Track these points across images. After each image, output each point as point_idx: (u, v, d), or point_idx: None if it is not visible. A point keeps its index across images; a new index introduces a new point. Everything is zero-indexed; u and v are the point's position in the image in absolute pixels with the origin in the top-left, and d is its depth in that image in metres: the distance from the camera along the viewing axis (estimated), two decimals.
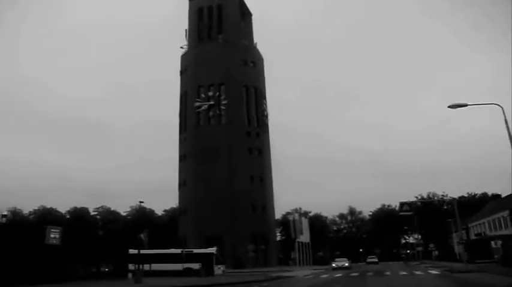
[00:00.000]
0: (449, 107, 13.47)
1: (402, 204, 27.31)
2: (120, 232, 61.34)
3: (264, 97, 49.82)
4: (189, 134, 44.92)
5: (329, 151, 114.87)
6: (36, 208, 76.39)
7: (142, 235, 20.03)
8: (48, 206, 77.79)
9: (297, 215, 47.33)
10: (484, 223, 46.08)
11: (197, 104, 45.07)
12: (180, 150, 45.81)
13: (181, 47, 52.03)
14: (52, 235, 18.21)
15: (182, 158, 44.94)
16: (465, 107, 13.54)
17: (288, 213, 47.53)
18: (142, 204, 74.48)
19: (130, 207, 74.23)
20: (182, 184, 43.52)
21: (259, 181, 42.58)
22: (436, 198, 75.06)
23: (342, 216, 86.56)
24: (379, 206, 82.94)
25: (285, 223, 58.48)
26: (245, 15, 55.45)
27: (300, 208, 66.28)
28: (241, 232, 38.50)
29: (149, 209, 74.13)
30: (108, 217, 75.17)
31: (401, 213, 28.43)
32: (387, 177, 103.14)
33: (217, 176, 40.72)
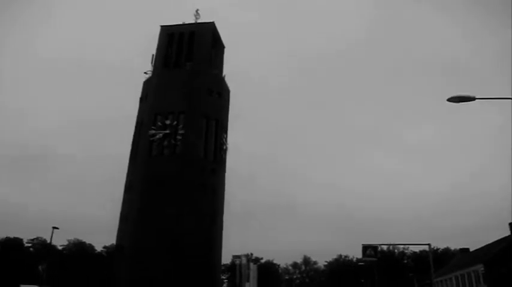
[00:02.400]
0: (449, 100, 11.53)
1: (366, 247, 24.85)
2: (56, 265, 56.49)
3: (225, 131, 47.86)
4: (138, 164, 41.94)
5: (285, 202, 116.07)
6: None
7: (40, 267, 16.83)
8: None
9: (244, 259, 44.01)
10: (451, 278, 44.15)
11: (151, 132, 42.46)
12: (126, 181, 42.60)
13: (145, 73, 49.81)
14: None
15: (127, 189, 41.57)
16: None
17: (235, 256, 44.22)
18: (79, 239, 69.98)
19: (68, 240, 68.92)
20: (123, 218, 39.89)
21: (210, 220, 39.52)
22: (396, 250, 73.80)
23: (295, 265, 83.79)
24: (335, 256, 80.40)
25: (233, 269, 54.98)
26: (218, 46, 54.36)
27: (251, 254, 62.95)
28: (182, 275, 34.94)
29: (89, 244, 69.22)
30: (43, 250, 69.21)
31: (364, 258, 26.58)
32: (346, 231, 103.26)
33: (164, 211, 37.53)
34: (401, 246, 75.28)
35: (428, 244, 31.49)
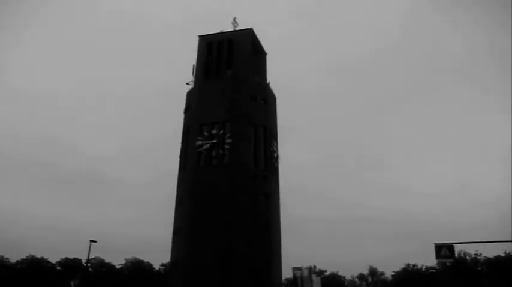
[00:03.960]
0: None
1: (439, 247, 21.56)
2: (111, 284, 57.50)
3: (275, 139, 46.62)
4: (187, 176, 41.51)
5: (347, 212, 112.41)
6: (24, 257, 72.56)
7: (72, 283, 16.10)
8: (39, 256, 73.88)
9: (306, 272, 41.83)
10: None
11: (198, 143, 41.99)
12: (177, 194, 42.35)
13: (187, 84, 49.91)
14: None
15: (179, 202, 41.21)
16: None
17: (295, 268, 42.16)
18: (138, 257, 70.95)
19: (126, 259, 69.95)
20: (176, 233, 39.45)
21: (264, 231, 38.06)
22: (468, 257, 68.49)
23: (361, 277, 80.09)
24: (403, 266, 75.92)
25: (295, 282, 52.83)
26: (258, 52, 53.60)
27: (314, 266, 60.68)
28: None
29: (147, 262, 69.87)
30: (101, 269, 70.86)
31: (439, 260, 23.65)
32: (413, 238, 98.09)
33: (216, 223, 36.57)
34: (473, 253, 70.23)
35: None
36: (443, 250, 21.50)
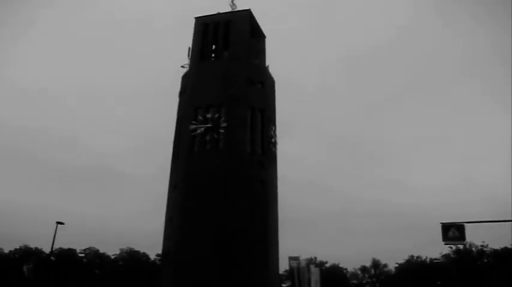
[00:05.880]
0: None
1: (447, 227, 18.61)
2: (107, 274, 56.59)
3: (274, 123, 44.95)
4: (180, 161, 39.95)
5: (348, 205, 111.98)
6: (17, 247, 71.79)
7: (25, 268, 14.58)
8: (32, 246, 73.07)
9: (303, 262, 40.15)
10: None
11: (192, 127, 40.35)
12: (170, 181, 40.85)
13: (182, 67, 48.13)
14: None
15: (172, 190, 39.68)
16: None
17: (292, 258, 40.46)
18: (133, 248, 69.94)
19: (120, 249, 68.85)
20: (168, 220, 37.98)
21: (260, 218, 36.53)
22: (474, 249, 66.88)
23: (364, 269, 78.84)
24: (406, 257, 74.58)
25: (291, 273, 51.38)
26: (257, 35, 51.71)
27: (315, 257, 59.25)
28: (234, 280, 32.22)
29: (143, 252, 68.81)
30: (95, 259, 69.81)
31: (447, 242, 19.87)
32: (414, 230, 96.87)
33: (209, 210, 35.10)
34: (479, 244, 68.74)
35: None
36: (452, 230, 18.75)
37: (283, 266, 50.87)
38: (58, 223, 33.07)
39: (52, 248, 32.33)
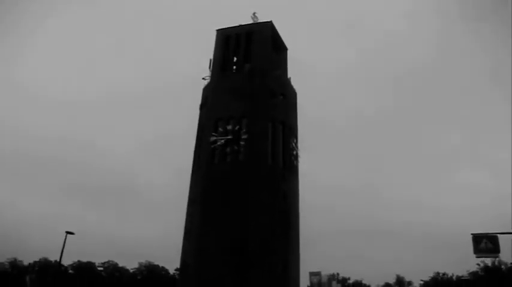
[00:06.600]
0: None
1: (479, 238, 16.80)
2: None
3: (295, 136, 44.20)
4: (200, 173, 39.40)
5: (371, 225, 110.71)
6: (37, 260, 72.08)
7: (28, 278, 13.92)
8: (52, 259, 73.28)
9: (325, 277, 38.60)
10: None
11: (213, 138, 39.89)
12: (190, 193, 40.37)
13: (203, 79, 48.05)
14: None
15: (191, 202, 39.11)
16: None
17: (313, 273, 38.94)
18: (152, 262, 69.53)
19: (139, 263, 68.41)
20: (187, 234, 37.30)
21: (282, 233, 35.46)
22: (503, 267, 63.76)
23: (387, 286, 75.99)
24: (431, 275, 71.96)
25: None
26: (279, 47, 51.39)
27: (337, 273, 57.42)
28: None
29: (162, 266, 68.15)
30: (115, 273, 69.48)
31: (479, 255, 17.91)
32: (439, 251, 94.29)
33: (229, 224, 34.27)
34: (510, 262, 65.95)
35: None
36: (484, 242, 17.15)
37: (305, 282, 49.53)
38: (68, 232, 32.60)
39: (61, 258, 31.90)
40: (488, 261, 64.91)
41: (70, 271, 69.67)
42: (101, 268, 71.76)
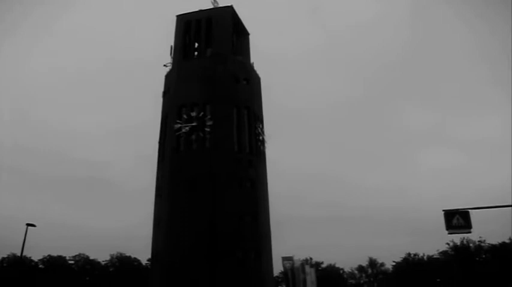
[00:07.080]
0: None
1: (450, 214, 16.22)
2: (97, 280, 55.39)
3: (261, 121, 44.24)
4: (166, 162, 39.05)
5: (343, 211, 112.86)
6: (4, 256, 70.18)
7: None
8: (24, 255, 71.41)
9: (297, 262, 39.19)
10: None
11: (177, 126, 39.45)
12: (157, 182, 40.11)
13: (165, 65, 47.13)
14: None
15: (159, 192, 38.93)
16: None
17: (285, 258, 39.50)
18: (124, 253, 68.83)
19: (110, 255, 67.70)
20: (156, 224, 37.09)
21: (251, 218, 35.78)
22: (471, 245, 66.34)
23: (361, 268, 78.21)
24: (403, 255, 74.01)
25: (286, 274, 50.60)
26: (240, 32, 50.91)
27: (310, 258, 58.50)
28: (223, 281, 31.62)
29: (134, 257, 67.71)
30: (86, 266, 68.57)
31: (451, 232, 17.23)
32: (409, 233, 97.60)
33: (197, 211, 34.32)
34: (477, 240, 68.29)
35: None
36: (456, 218, 16.75)
37: (279, 268, 50.10)
38: (28, 224, 31.67)
39: (22, 251, 31.11)
40: (458, 241, 67.27)
41: (40, 266, 68.26)
42: (72, 261, 70.78)
